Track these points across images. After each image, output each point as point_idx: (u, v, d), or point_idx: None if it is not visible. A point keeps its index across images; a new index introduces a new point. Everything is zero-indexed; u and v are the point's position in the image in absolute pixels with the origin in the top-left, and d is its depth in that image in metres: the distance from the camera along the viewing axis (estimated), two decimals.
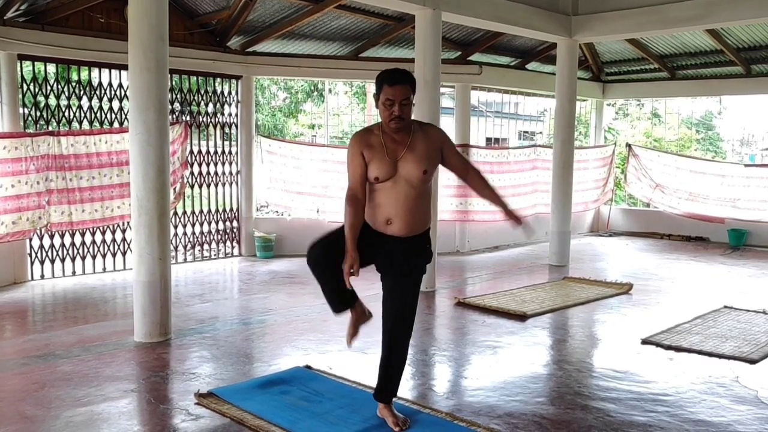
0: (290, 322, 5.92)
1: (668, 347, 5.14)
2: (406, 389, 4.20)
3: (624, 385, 4.35)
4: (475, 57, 9.99)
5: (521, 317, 6.07)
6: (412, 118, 3.41)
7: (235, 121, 9.22)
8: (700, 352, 5.01)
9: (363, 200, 3.40)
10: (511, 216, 3.59)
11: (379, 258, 3.50)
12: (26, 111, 7.52)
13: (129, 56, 5.07)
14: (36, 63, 7.42)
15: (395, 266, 3.49)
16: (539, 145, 11.13)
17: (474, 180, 3.56)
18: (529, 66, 10.77)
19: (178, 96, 8.64)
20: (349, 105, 22.25)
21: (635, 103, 18.42)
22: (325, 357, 4.83)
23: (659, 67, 11.00)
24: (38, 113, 7.52)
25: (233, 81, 9.12)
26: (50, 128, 7.57)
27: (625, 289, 7.26)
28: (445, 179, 9.53)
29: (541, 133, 23.02)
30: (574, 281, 7.76)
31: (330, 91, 21.13)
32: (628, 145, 12.27)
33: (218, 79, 9.00)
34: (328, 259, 3.37)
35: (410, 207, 3.38)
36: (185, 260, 8.88)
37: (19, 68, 7.28)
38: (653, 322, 5.90)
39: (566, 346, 5.33)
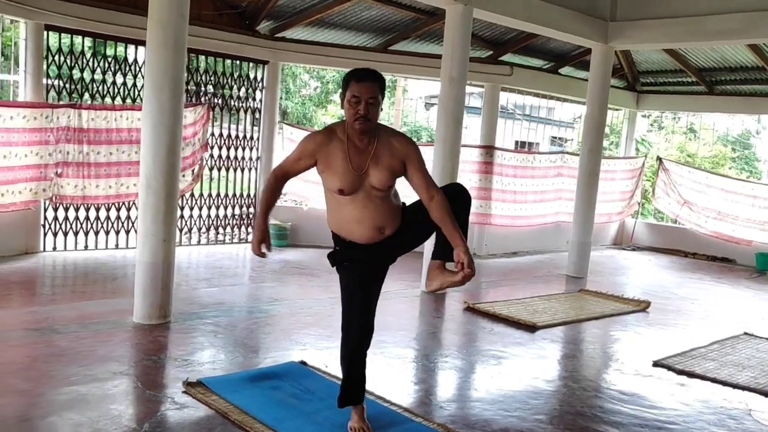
0: (294, 314, 5.81)
1: (680, 372, 4.93)
2: (401, 394, 4.07)
3: (629, 408, 4.16)
4: (507, 57, 9.77)
5: (531, 328, 5.89)
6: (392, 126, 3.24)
7: (259, 106, 9.14)
8: (713, 380, 4.79)
9: (283, 184, 3.29)
10: (461, 260, 3.05)
11: (383, 262, 3.39)
12: (58, 83, 7.50)
13: (147, 32, 4.97)
14: (71, 36, 7.40)
15: (380, 261, 3.37)
16: (566, 152, 10.88)
17: (435, 212, 3.12)
18: (563, 70, 10.52)
19: (203, 77, 8.58)
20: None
21: (671, 116, 18.00)
22: (323, 354, 4.71)
23: (697, 80, 10.66)
24: (71, 86, 7.51)
25: (260, 66, 9.04)
26: (82, 101, 7.54)
27: (642, 306, 7.03)
28: (466, 180, 9.36)
29: (572, 139, 22.71)
30: (590, 294, 7.53)
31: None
32: (659, 159, 11.96)
33: (250, 64, 8.93)
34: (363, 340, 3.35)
35: (391, 209, 3.24)
36: (198, 242, 8.83)
37: (45, 38, 7.26)
38: (668, 344, 5.68)
39: (573, 363, 5.14)
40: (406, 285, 7.16)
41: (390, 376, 4.40)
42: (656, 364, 5.09)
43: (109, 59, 7.82)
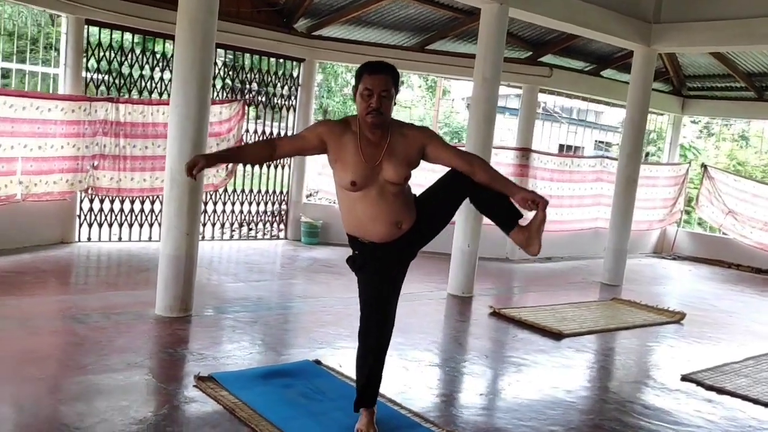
0: (315, 312, 5.78)
1: (709, 387, 4.72)
2: (414, 398, 3.99)
3: (651, 423, 4.00)
4: (547, 59, 9.57)
5: (557, 335, 5.73)
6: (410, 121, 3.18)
7: (294, 104, 9.16)
8: (743, 398, 4.57)
9: (271, 157, 3.27)
10: (528, 198, 3.03)
11: (402, 260, 3.35)
12: (97, 76, 7.65)
13: (176, 28, 5.00)
14: (110, 30, 7.54)
15: (400, 260, 3.33)
16: (607, 157, 10.62)
17: (481, 173, 3.10)
18: (605, 73, 10.26)
19: (240, 74, 8.65)
20: (421, 99, 22.05)
21: (722, 122, 17.45)
22: (339, 353, 4.66)
23: (746, 85, 10.28)
24: (111, 79, 7.65)
25: (295, 63, 9.06)
26: (120, 96, 7.67)
27: (676, 317, 6.79)
28: None
29: (617, 144, 22.23)
30: (622, 303, 7.32)
31: (402, 82, 21.02)
32: (704, 166, 11.58)
33: (293, 63, 8.97)
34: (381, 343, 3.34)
35: (406, 202, 3.18)
36: (231, 238, 8.90)
37: (85, 33, 7.40)
38: (700, 358, 5.47)
39: (597, 373, 4.97)
40: (433, 287, 7.07)
41: (404, 379, 4.32)
42: (684, 378, 4.88)
43: (148, 54, 7.93)
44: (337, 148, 3.08)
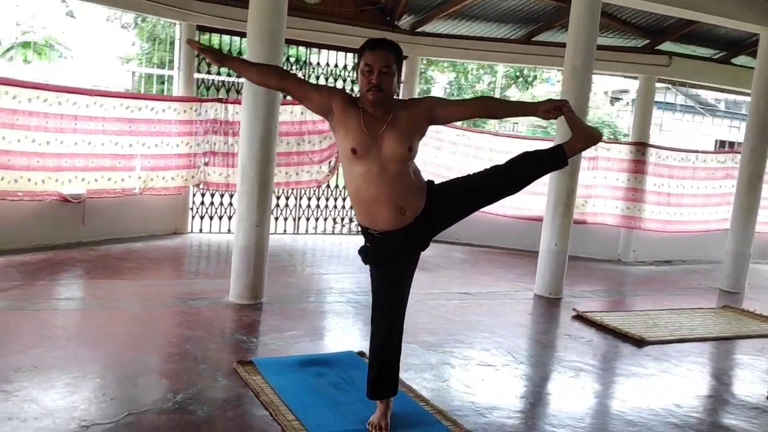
0: None
1: None
2: (445, 396, 3.91)
3: None
4: (667, 46, 8.91)
5: (638, 342, 5.34)
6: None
7: None
8: None
9: (275, 87, 3.60)
10: (549, 108, 3.01)
11: (411, 250, 3.33)
12: (208, 78, 8.21)
13: (248, 27, 5.25)
14: (220, 35, 8.09)
15: (410, 250, 3.30)
16: (737, 152, 9.67)
17: (500, 107, 3.35)
18: (736, 60, 9.36)
19: (343, 73, 8.88)
20: (556, 95, 21.29)
21: None
22: None
23: None
24: (220, 81, 8.19)
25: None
26: (237, 96, 8.16)
27: None
28: (614, 180, 8.75)
29: None
30: (734, 311, 6.66)
31: (536, 77, 20.42)
32: None
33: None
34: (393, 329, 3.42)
35: (410, 186, 3.11)
36: (333, 232, 9.17)
37: (198, 38, 7.95)
38: None
39: (668, 385, 4.54)
40: (520, 287, 6.86)
41: (444, 376, 4.25)
42: None
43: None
44: (342, 115, 3.06)
